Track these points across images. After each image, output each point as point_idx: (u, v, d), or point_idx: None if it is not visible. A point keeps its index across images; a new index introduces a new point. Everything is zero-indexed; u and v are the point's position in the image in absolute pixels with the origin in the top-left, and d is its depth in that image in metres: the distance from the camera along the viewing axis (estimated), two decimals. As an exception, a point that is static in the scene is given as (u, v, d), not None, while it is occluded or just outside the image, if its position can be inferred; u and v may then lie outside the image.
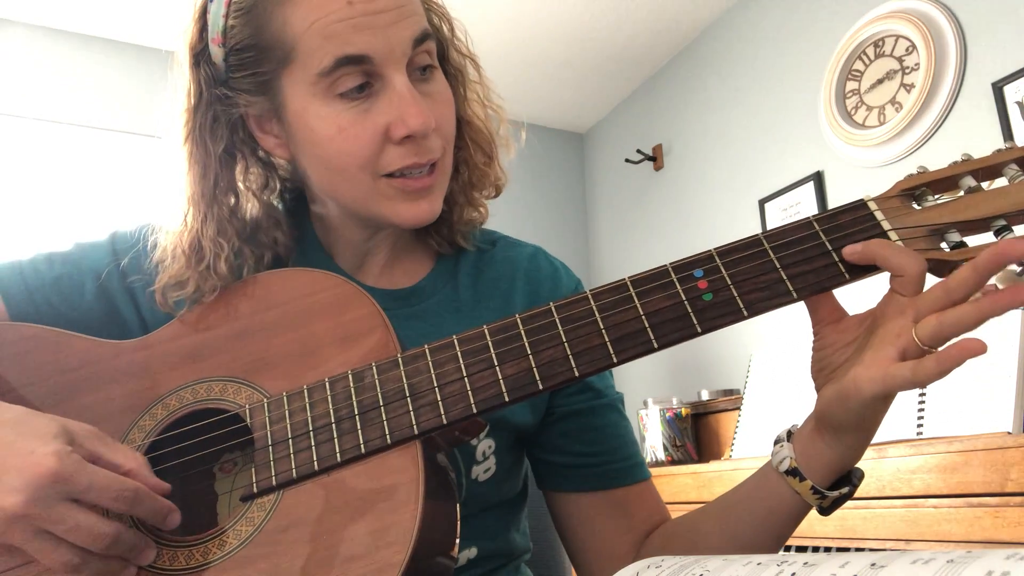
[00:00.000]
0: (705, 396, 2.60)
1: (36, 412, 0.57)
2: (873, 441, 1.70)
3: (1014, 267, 0.54)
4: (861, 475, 0.63)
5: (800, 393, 1.87)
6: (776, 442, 0.64)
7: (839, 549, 1.52)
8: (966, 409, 1.47)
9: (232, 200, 0.74)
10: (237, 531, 0.57)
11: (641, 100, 3.45)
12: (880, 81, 2.30)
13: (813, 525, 1.58)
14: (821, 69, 2.48)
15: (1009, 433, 1.35)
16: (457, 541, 0.62)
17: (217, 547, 0.57)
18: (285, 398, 0.61)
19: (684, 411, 2.53)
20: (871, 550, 1.40)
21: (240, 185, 0.76)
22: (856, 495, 1.61)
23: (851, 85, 2.39)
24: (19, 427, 0.54)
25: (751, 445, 2.03)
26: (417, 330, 0.71)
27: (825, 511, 0.62)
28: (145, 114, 2.88)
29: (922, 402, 1.55)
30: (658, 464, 2.48)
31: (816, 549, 1.58)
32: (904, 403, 1.58)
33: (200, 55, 0.72)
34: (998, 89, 1.96)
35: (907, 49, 2.22)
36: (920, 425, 1.53)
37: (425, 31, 0.69)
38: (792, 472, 0.61)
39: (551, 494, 0.81)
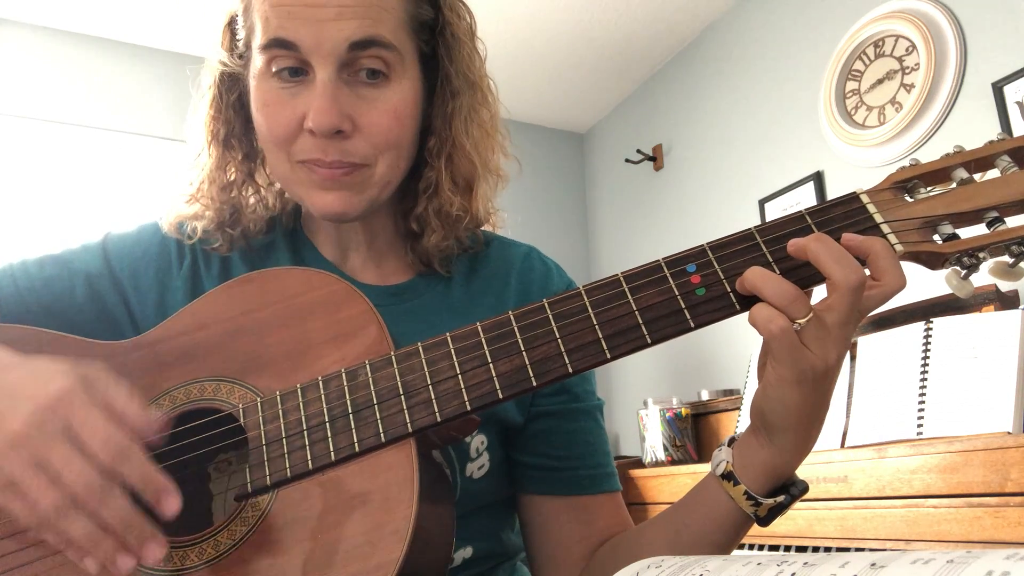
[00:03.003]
0: (705, 396, 2.60)
1: (53, 358, 0.56)
2: (873, 441, 1.69)
3: (1006, 258, 0.55)
4: (804, 487, 0.62)
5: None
6: (718, 447, 0.64)
7: (839, 549, 1.52)
8: (966, 409, 1.46)
9: (245, 147, 0.80)
10: (232, 531, 0.57)
11: (641, 100, 3.45)
12: (880, 81, 2.30)
13: (813, 525, 1.58)
14: (821, 69, 2.48)
15: (1009, 433, 1.35)
16: (453, 539, 0.62)
17: (212, 547, 0.57)
18: (279, 397, 0.61)
19: (684, 411, 2.52)
20: (871, 550, 1.39)
21: (256, 140, 0.80)
22: (856, 495, 1.61)
23: (851, 85, 2.38)
24: (34, 366, 0.54)
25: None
26: (411, 327, 0.70)
27: (762, 521, 0.61)
28: (146, 114, 2.88)
29: (922, 402, 1.55)
30: (658, 464, 2.48)
31: (816, 549, 1.58)
32: (904, 403, 1.58)
33: (230, 35, 0.77)
34: (998, 89, 1.96)
35: (907, 49, 2.22)
36: (920, 425, 1.52)
37: (370, 38, 0.68)
38: (727, 476, 0.61)
39: (518, 495, 0.80)
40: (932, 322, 1.63)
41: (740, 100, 2.86)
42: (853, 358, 1.78)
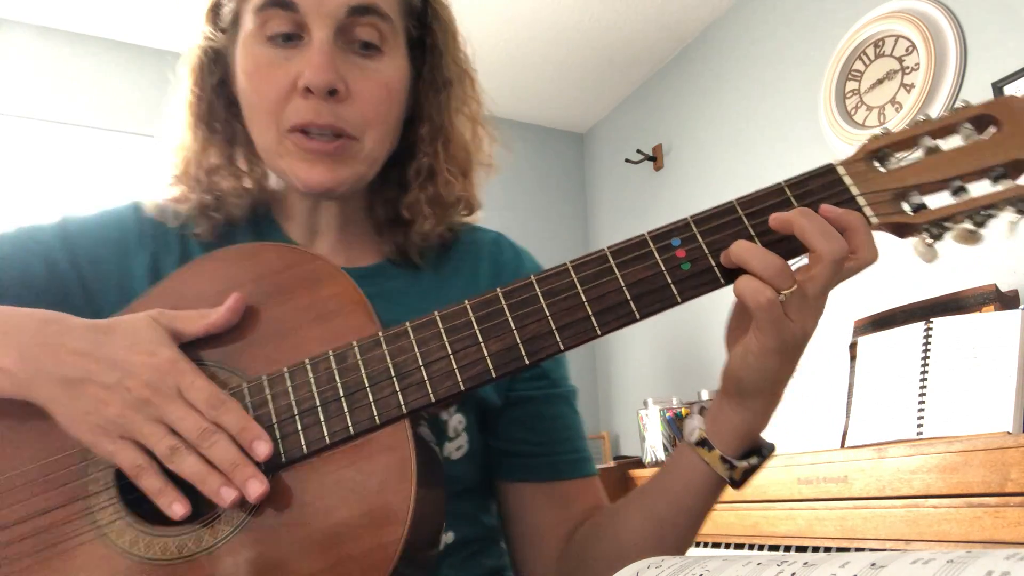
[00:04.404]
0: (705, 396, 2.60)
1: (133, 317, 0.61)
2: (873, 441, 1.69)
3: (968, 225, 0.56)
4: (772, 448, 0.64)
5: (798, 391, 1.87)
6: (687, 416, 0.66)
7: (839, 549, 1.52)
8: (966, 409, 1.47)
9: (227, 131, 0.78)
10: (229, 517, 0.56)
11: (641, 100, 3.45)
12: (880, 81, 2.30)
13: (813, 525, 1.58)
14: (821, 69, 2.48)
15: (1009, 433, 1.35)
16: (443, 521, 0.61)
17: (210, 534, 0.56)
18: (266, 382, 0.60)
19: (684, 411, 2.53)
20: (871, 550, 1.40)
21: (236, 123, 0.78)
22: (856, 495, 1.61)
23: (851, 85, 2.38)
24: (130, 332, 0.59)
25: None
26: (381, 308, 0.67)
27: (737, 484, 0.63)
28: (147, 115, 2.88)
29: (922, 402, 1.55)
30: (658, 464, 2.48)
31: (816, 549, 1.58)
32: (904, 403, 1.58)
33: (215, 10, 0.76)
34: (998, 89, 1.96)
35: (907, 49, 2.22)
36: (920, 425, 1.52)
37: (369, 5, 0.69)
38: (702, 443, 0.63)
39: (495, 481, 0.80)
40: (932, 322, 1.63)
41: (740, 100, 2.86)
42: (853, 358, 1.78)
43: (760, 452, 0.63)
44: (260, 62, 0.70)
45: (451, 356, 0.58)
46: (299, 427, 0.58)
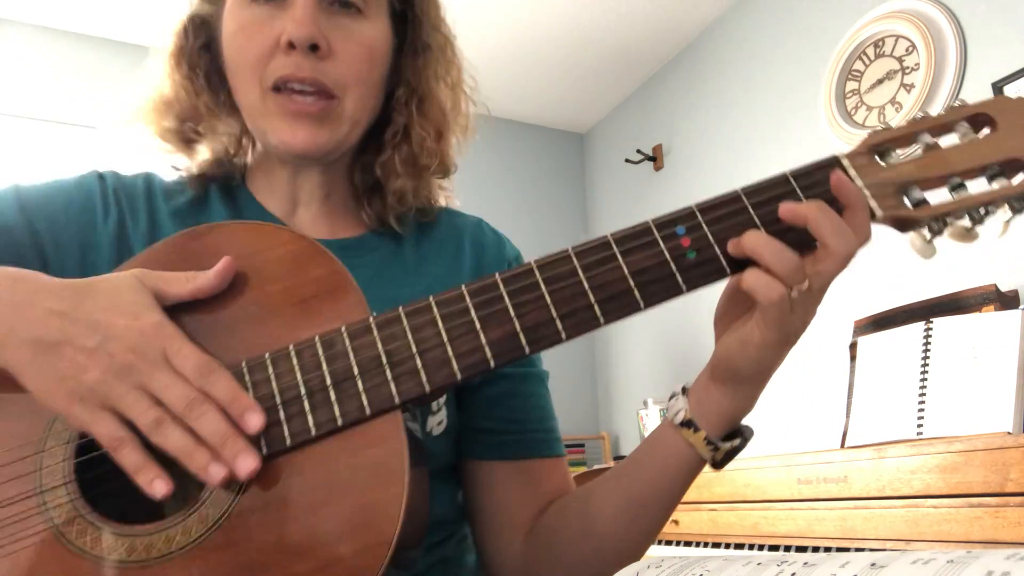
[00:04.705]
0: (705, 396, 2.60)
1: (112, 278, 0.56)
2: (873, 441, 1.69)
3: (966, 222, 0.57)
4: (751, 431, 0.64)
5: (798, 391, 1.87)
6: (671, 397, 0.66)
7: (839, 549, 1.52)
8: (966, 409, 1.47)
9: (207, 83, 0.77)
10: (203, 516, 0.52)
11: (641, 100, 3.45)
12: (880, 81, 2.30)
13: (813, 525, 1.58)
14: (821, 69, 2.48)
15: (1009, 433, 1.35)
16: (428, 507, 0.59)
17: (182, 533, 0.52)
18: (245, 368, 0.55)
19: (684, 411, 2.53)
20: (871, 550, 1.39)
21: (222, 87, 0.77)
22: (856, 495, 1.61)
23: (851, 85, 2.39)
24: (111, 292, 0.55)
25: (749, 443, 2.02)
26: (361, 283, 0.63)
27: (718, 464, 0.63)
28: (145, 114, 2.88)
29: (922, 402, 1.55)
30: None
31: (816, 549, 1.58)
32: (904, 403, 1.58)
33: None
34: (998, 89, 1.96)
35: (907, 49, 2.22)
36: (920, 425, 1.52)
37: None
38: (687, 424, 0.62)
39: (463, 461, 0.78)
40: (932, 322, 1.63)
41: (740, 100, 2.86)
42: (853, 358, 1.78)
43: (742, 434, 0.63)
44: (244, 22, 0.70)
45: (447, 344, 0.54)
46: (282, 417, 0.53)
